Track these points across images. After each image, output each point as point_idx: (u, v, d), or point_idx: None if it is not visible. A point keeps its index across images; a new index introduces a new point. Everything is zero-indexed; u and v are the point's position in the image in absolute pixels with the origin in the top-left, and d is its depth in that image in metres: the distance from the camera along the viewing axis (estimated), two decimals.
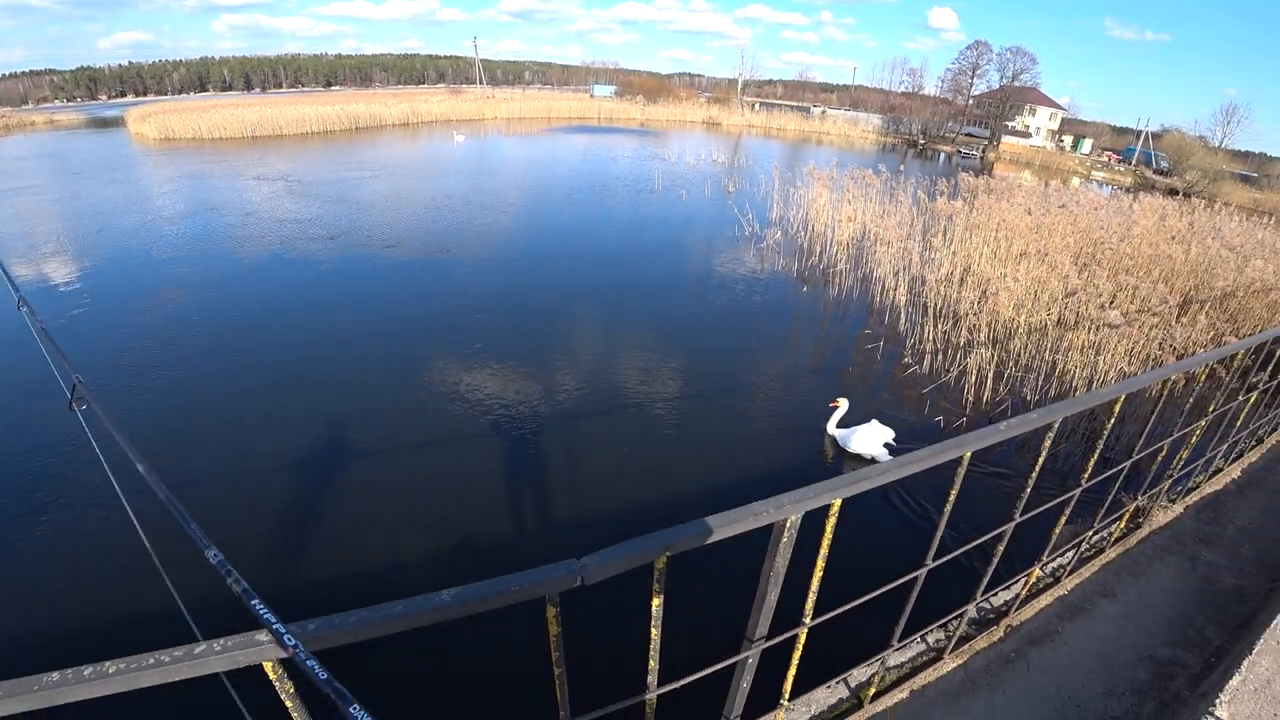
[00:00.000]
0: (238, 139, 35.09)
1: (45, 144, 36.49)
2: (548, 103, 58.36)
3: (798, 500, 1.37)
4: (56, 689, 0.87)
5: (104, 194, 19.32)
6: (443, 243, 13.24)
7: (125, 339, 8.30)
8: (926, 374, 7.73)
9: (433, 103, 52.44)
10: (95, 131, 44.58)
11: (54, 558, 4.62)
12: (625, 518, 5.15)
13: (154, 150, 31.15)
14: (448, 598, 1.04)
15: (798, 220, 14.94)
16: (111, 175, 23.42)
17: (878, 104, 61.30)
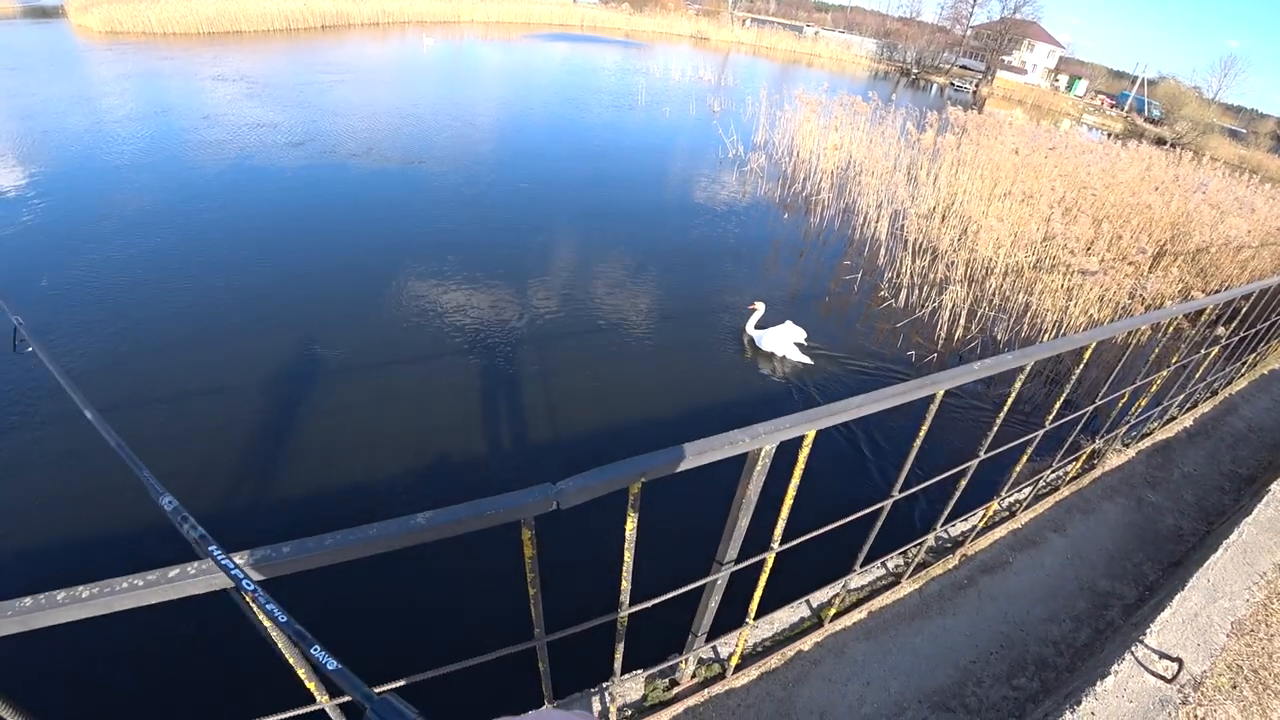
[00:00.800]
0: (192, 34, 32.32)
1: None
2: (528, 6, 55.16)
3: (772, 430, 1.40)
4: (30, 613, 0.88)
5: (46, 93, 17.73)
6: (414, 153, 12.68)
7: (74, 253, 7.88)
8: (901, 308, 7.81)
9: (405, 1, 49.27)
10: (31, 21, 40.30)
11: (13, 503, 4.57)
12: (599, 440, 5.20)
13: (99, 44, 28.33)
14: (423, 521, 1.05)
15: (783, 145, 14.63)
16: (53, 72, 21.31)
17: (873, 27, 59.23)
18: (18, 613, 0.88)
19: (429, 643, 3.49)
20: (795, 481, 1.66)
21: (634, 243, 9.01)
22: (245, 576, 0.91)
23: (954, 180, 11.21)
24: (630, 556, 1.49)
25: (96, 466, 4.43)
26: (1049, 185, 10.16)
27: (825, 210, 11.15)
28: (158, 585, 0.92)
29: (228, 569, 0.92)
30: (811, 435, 1.50)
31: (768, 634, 2.39)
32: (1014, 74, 51.47)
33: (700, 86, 24.54)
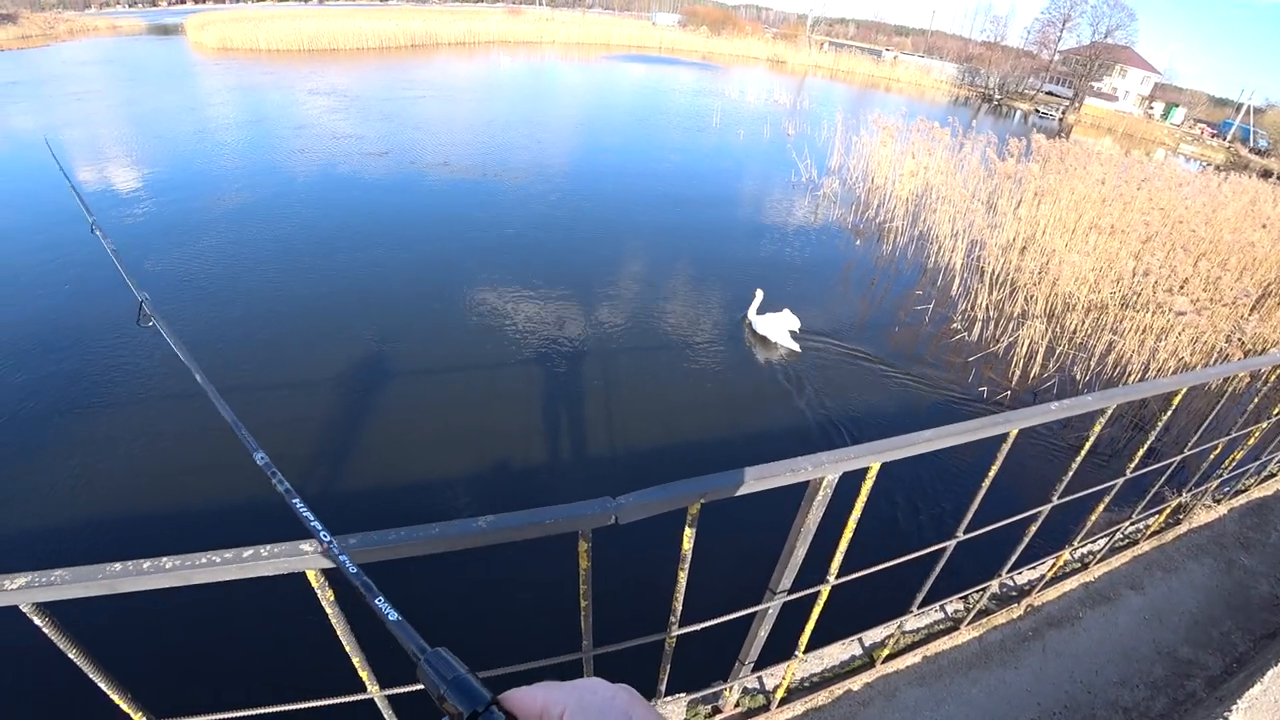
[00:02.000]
0: (294, 51, 34.85)
1: (107, 49, 36.59)
2: (607, 29, 56.54)
3: (836, 460, 1.37)
4: (119, 578, 0.96)
5: (161, 101, 19.63)
6: (491, 167, 13.18)
7: (181, 248, 8.55)
8: (975, 342, 7.54)
9: (490, 22, 51.34)
10: (155, 38, 44.64)
11: (127, 460, 4.89)
12: (657, 456, 5.23)
13: (211, 59, 31.14)
14: (484, 524, 1.07)
15: (857, 170, 14.42)
16: (169, 83, 23.66)
17: (954, 51, 57.87)
18: (107, 576, 0.96)
19: (476, 643, 3.56)
20: (856, 514, 1.62)
21: (702, 263, 9.04)
22: (322, 529, 0.97)
23: (1036, 211, 10.78)
24: (684, 577, 1.48)
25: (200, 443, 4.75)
26: (1140, 219, 9.66)
27: (899, 238, 10.91)
28: (233, 563, 0.99)
29: (307, 520, 0.97)
30: (876, 468, 1.46)
31: (816, 669, 2.33)
32: (1104, 101, 49.07)
33: (775, 110, 24.49)
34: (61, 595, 0.97)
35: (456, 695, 0.67)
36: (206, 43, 36.48)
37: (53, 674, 3.17)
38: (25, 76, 25.68)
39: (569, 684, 0.64)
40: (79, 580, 0.95)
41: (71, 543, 4.12)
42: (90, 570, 0.96)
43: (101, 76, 25.73)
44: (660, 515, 1.21)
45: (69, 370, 5.73)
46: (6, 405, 5.32)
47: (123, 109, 18.59)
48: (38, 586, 0.94)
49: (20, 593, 0.94)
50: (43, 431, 5.06)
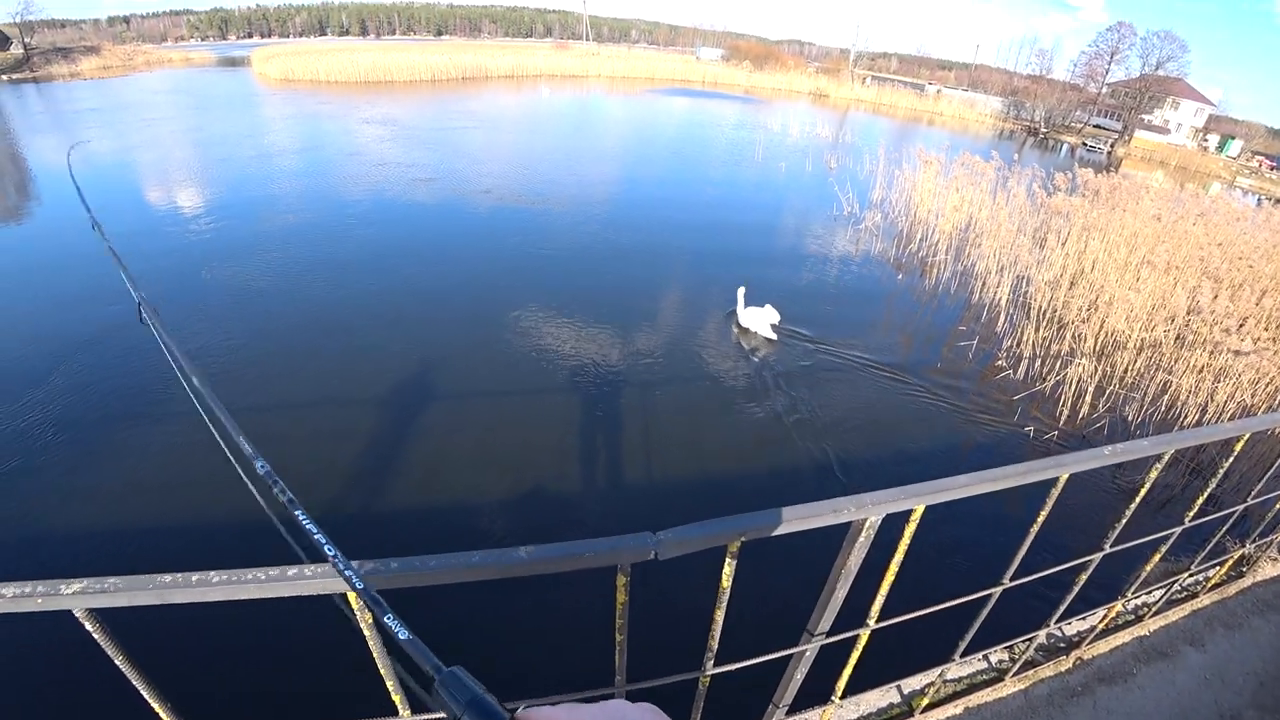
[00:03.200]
0: (351, 83, 36.90)
1: (179, 79, 40.17)
2: (652, 63, 57.71)
3: (879, 501, 1.35)
4: (168, 589, 0.99)
5: (225, 127, 21.26)
6: (534, 195, 13.58)
7: (233, 263, 9.13)
8: (1020, 380, 7.36)
9: (538, 57, 53.03)
10: (224, 70, 48.78)
11: (133, 465, 5.12)
12: (693, 489, 5.20)
13: (274, 89, 33.72)
14: (524, 554, 1.08)
15: (899, 204, 14.32)
16: (233, 111, 25.90)
17: (999, 85, 57.41)
18: (157, 586, 1.00)
19: (507, 673, 3.54)
20: (899, 557, 1.59)
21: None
22: (327, 541, 0.96)
23: (1084, 246, 10.54)
24: (720, 615, 1.47)
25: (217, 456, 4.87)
26: (1196, 254, 9.36)
27: (941, 272, 10.76)
28: (279, 581, 1.02)
29: (312, 533, 0.98)
30: (920, 511, 1.44)
31: (853, 716, 2.27)
32: (1155, 134, 47.82)
33: (817, 143, 24.56)
34: (113, 602, 1.01)
35: (475, 716, 0.66)
36: (270, 74, 39.24)
37: (81, 677, 3.31)
38: (104, 103, 28.48)
39: (593, 705, 0.65)
40: (131, 589, 0.99)
41: (109, 549, 4.30)
42: (142, 580, 1.00)
43: (172, 104, 28.14)
44: (700, 551, 1.21)
45: (110, 382, 6.05)
46: (50, 408, 5.66)
47: (188, 134, 20.15)
48: (92, 593, 0.99)
49: (75, 597, 0.99)
50: (85, 440, 5.33)
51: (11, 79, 42.35)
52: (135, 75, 45.08)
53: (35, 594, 0.97)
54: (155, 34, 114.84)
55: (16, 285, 8.34)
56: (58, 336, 6.97)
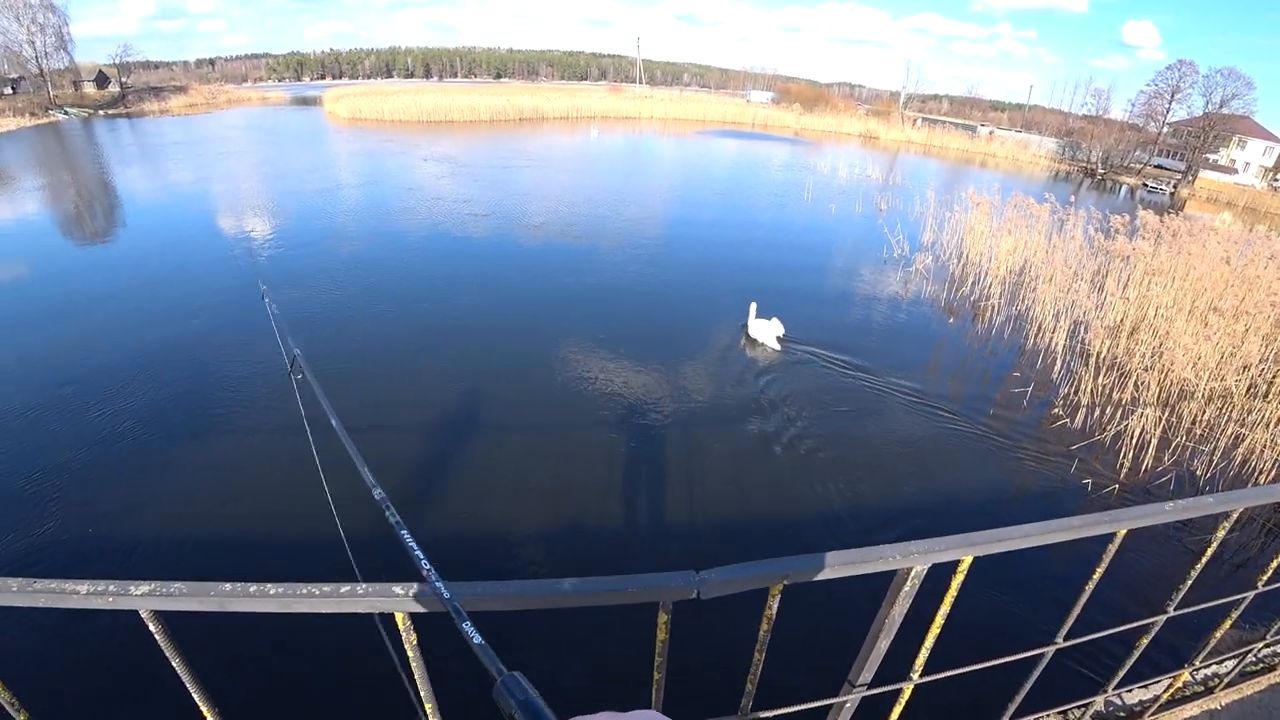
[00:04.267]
0: (414, 122, 38.90)
1: (257, 116, 44.03)
2: (703, 105, 58.87)
3: (926, 550, 1.33)
4: (228, 597, 1.07)
5: (295, 162, 23.22)
6: (584, 232, 14.01)
7: (296, 286, 9.84)
8: (1078, 429, 7.10)
9: (593, 99, 54.70)
10: (297, 108, 53.06)
11: (254, 494, 5.38)
12: (739, 531, 5.16)
13: (342, 127, 36.12)
14: (567, 587, 1.11)
15: (951, 246, 14.14)
16: (304, 146, 28.33)
17: (1054, 126, 56.42)
18: (218, 595, 1.08)
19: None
20: (945, 609, 1.56)
21: (788, 338, 9.04)
22: (422, 557, 1.11)
23: (1146, 291, 10.20)
24: (760, 658, 1.47)
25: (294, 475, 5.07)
26: (1268, 300, 8.96)
27: (994, 316, 10.54)
28: (331, 597, 1.08)
29: (411, 549, 1.12)
30: (968, 561, 1.42)
31: None
32: (1221, 173, 45.94)
33: (867, 185, 24.52)
34: (176, 606, 1.09)
35: (525, 716, 0.76)
36: (339, 113, 41.92)
37: (136, 675, 3.46)
38: (189, 138, 31.82)
39: (629, 714, 0.70)
40: (193, 595, 1.08)
41: (180, 554, 4.56)
42: (204, 587, 1.08)
43: (249, 139, 31.05)
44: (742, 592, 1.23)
45: (210, 396, 6.45)
46: (153, 420, 6.12)
47: (260, 167, 22.11)
48: (158, 595, 1.07)
49: (142, 599, 1.07)
50: (174, 449, 5.74)
51: (108, 114, 47.59)
52: (217, 113, 50.03)
53: (107, 592, 1.06)
54: (237, 75, 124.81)
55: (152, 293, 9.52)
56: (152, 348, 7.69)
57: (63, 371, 7.06)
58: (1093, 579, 1.74)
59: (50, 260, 11.47)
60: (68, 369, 7.13)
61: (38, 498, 5.09)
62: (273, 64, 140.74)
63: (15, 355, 7.55)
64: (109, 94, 56.88)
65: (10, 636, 3.79)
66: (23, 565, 4.47)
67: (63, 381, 6.84)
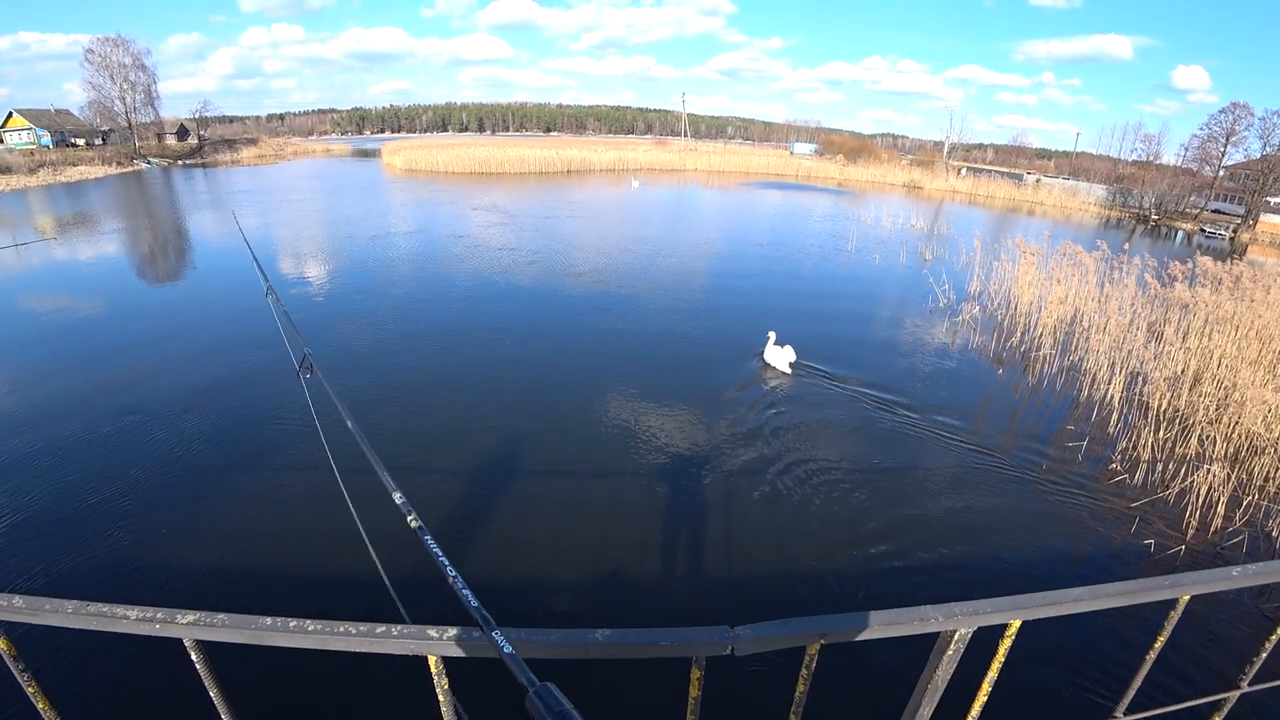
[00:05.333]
0: (466, 174, 40.82)
1: (320, 167, 47.74)
2: (747, 158, 59.79)
3: (970, 612, 1.28)
4: (268, 631, 1.12)
5: (354, 209, 25.00)
6: (626, 281, 14.32)
7: (351, 327, 10.49)
8: (1139, 486, 6.79)
9: (639, 152, 56.32)
10: (357, 160, 57.07)
11: (273, 506, 5.72)
12: (775, 585, 5.05)
13: (398, 178, 38.58)
14: (600, 637, 1.12)
15: (999, 296, 13.88)
16: (362, 195, 30.42)
17: (1103, 173, 55.28)
18: (259, 628, 1.13)
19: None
20: (992, 675, 1.50)
21: (831, 382, 8.96)
22: (447, 563, 1.19)
23: (1207, 340, 9.80)
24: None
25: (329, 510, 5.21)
26: None
27: (1046, 368, 10.24)
28: (366, 637, 1.12)
29: (436, 555, 1.19)
30: (1016, 625, 1.37)
31: None
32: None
33: (911, 234, 24.41)
34: (218, 637, 1.14)
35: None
36: (396, 165, 44.54)
37: (171, 700, 3.54)
38: (256, 186, 35.12)
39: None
40: (235, 626, 1.13)
41: (223, 583, 4.71)
42: (245, 619, 1.13)
43: (311, 188, 33.67)
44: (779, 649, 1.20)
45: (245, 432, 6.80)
46: (203, 449, 6.49)
47: (321, 213, 24.06)
48: (202, 625, 1.13)
49: (187, 628, 1.12)
50: (221, 480, 6.01)
51: (186, 164, 52.71)
52: (284, 164, 55.03)
53: (155, 619, 1.12)
54: (304, 129, 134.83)
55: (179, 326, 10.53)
56: (212, 379, 8.32)
57: (124, 402, 7.59)
58: (1154, 648, 1.66)
59: (121, 298, 12.63)
60: (129, 400, 7.66)
61: (92, 519, 5.41)
62: (337, 119, 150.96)
63: (87, 385, 8.11)
64: (188, 145, 62.31)
65: (57, 655, 3.91)
66: (64, 583, 4.70)
67: (124, 410, 7.36)
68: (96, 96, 56.55)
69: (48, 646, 3.90)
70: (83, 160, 44.84)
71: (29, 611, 1.16)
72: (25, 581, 4.70)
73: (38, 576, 4.75)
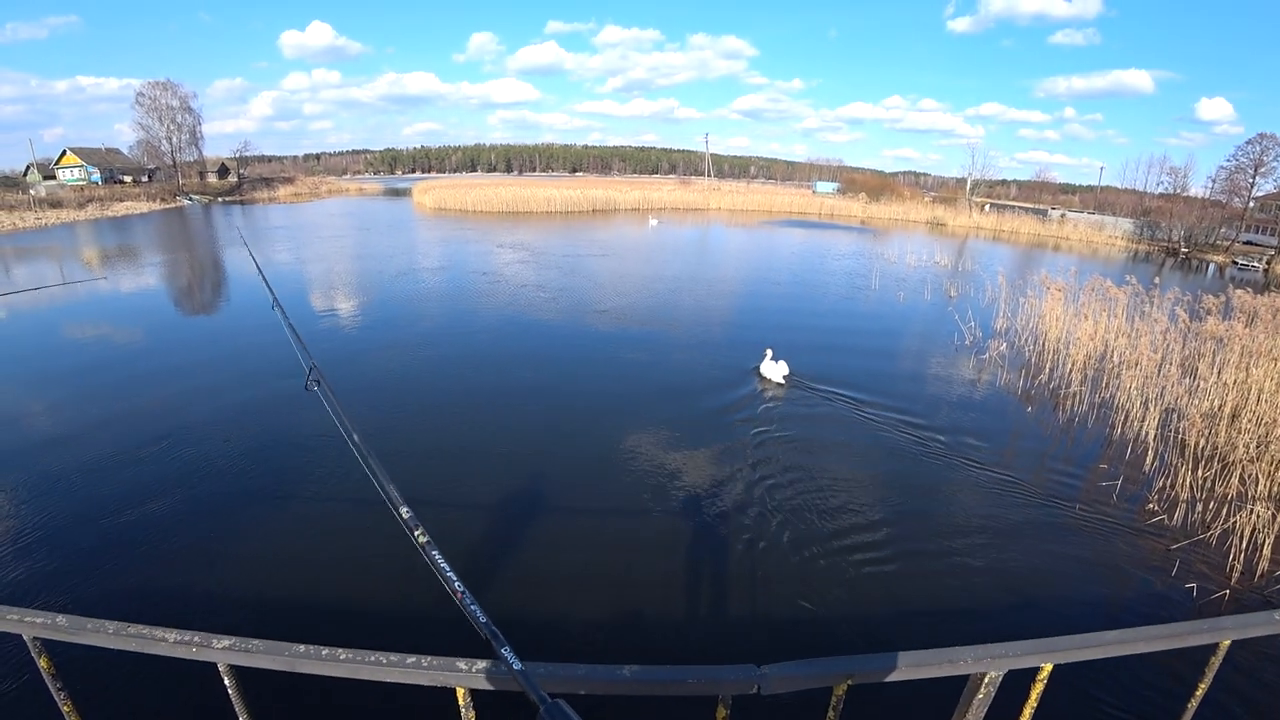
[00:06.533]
0: (494, 212, 41.93)
1: (352, 206, 50.93)
2: (770, 197, 60.25)
3: (1001, 655, 1.27)
4: (300, 658, 1.15)
5: (384, 245, 26.25)
6: (649, 317, 14.55)
7: (380, 349, 11.27)
8: (1178, 527, 6.57)
9: (663, 191, 57.26)
10: (388, 199, 59.89)
11: (302, 530, 5.88)
12: (796, 621, 4.98)
13: (428, 217, 40.53)
14: (627, 674, 1.13)
15: (1026, 332, 13.70)
16: (392, 232, 31.86)
17: (1129, 206, 54.61)
18: (291, 655, 1.16)
19: None
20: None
21: (853, 420, 8.90)
22: (455, 578, 1.22)
23: (1245, 374, 9.54)
24: None
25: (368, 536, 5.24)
26: None
27: (1076, 405, 10.03)
28: (396, 667, 1.15)
29: (443, 571, 1.23)
30: (1049, 669, 1.34)
31: None
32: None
33: (935, 271, 24.31)
34: (253, 663, 1.17)
35: None
36: (426, 203, 46.31)
37: None
38: (290, 223, 37.20)
39: None
40: (269, 653, 1.16)
41: (257, 608, 4.78)
42: (278, 646, 1.16)
43: (342, 225, 35.55)
44: None
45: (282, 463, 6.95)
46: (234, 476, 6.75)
47: (352, 249, 25.49)
48: (237, 650, 1.16)
49: (222, 652, 1.16)
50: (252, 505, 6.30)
51: (225, 201, 56.53)
52: (318, 202, 58.86)
53: (191, 642, 1.16)
54: (339, 168, 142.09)
55: (206, 357, 10.97)
56: (237, 407, 8.67)
57: (159, 427, 7.96)
58: (1195, 696, 1.62)
59: (158, 328, 13.45)
60: (163, 425, 8.02)
61: (124, 539, 5.65)
62: (370, 159, 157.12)
63: (127, 409, 8.56)
64: (228, 183, 65.83)
65: (90, 672, 3.92)
66: (97, 602, 4.84)
67: (159, 436, 7.72)
68: (145, 136, 60.89)
69: (82, 664, 3.96)
70: (129, 196, 48.63)
71: (72, 630, 1.20)
72: (60, 599, 4.86)
73: (70, 594, 4.92)
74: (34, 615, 1.24)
